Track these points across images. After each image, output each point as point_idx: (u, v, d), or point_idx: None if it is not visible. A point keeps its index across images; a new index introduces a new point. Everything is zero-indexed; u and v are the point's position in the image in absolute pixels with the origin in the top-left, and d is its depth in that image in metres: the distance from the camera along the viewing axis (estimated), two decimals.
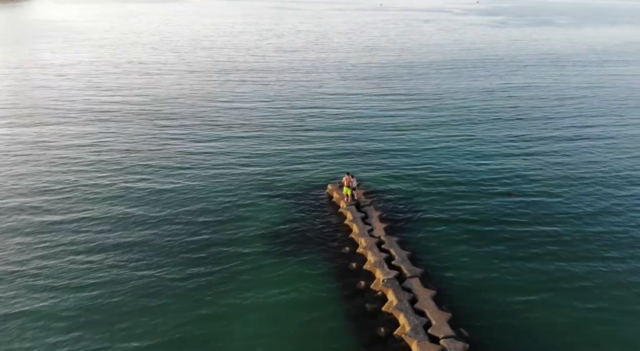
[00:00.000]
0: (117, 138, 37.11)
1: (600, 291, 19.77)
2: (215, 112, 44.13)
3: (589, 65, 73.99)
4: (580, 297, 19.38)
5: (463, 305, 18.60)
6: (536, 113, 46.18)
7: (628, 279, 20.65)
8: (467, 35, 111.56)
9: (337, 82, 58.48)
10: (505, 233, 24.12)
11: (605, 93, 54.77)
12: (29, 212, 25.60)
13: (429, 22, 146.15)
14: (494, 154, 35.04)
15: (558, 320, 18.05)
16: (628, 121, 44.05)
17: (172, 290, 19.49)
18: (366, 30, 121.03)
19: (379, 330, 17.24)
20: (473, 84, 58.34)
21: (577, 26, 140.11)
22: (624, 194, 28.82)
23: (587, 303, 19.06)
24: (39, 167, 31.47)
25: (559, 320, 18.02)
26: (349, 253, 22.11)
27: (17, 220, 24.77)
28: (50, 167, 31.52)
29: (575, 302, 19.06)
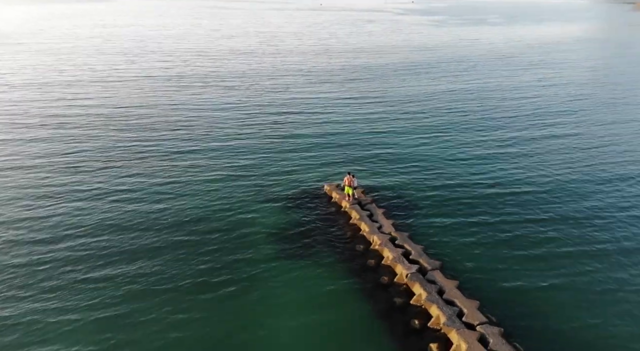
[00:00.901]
0: (93, 152, 35.41)
1: (601, 272, 21.60)
2: (187, 121, 42.44)
3: (534, 62, 78.88)
4: (587, 275, 21.14)
5: (482, 294, 19.71)
6: (500, 110, 48.90)
7: (627, 258, 22.67)
8: (414, 35, 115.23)
9: (305, 85, 58.74)
10: (502, 224, 25.61)
11: (556, 90, 58.82)
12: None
13: (373, 23, 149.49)
14: (477, 151, 36.77)
15: (569, 300, 19.60)
16: (579, 114, 47.66)
17: (196, 303, 19.10)
18: (315, 31, 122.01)
19: (412, 323, 17.92)
20: (437, 84, 60.66)
21: (509, 24, 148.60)
22: (601, 183, 31.35)
23: (592, 278, 20.83)
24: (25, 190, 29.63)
25: (569, 300, 19.57)
26: (363, 251, 22.66)
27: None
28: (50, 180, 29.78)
29: (581, 279, 20.79)
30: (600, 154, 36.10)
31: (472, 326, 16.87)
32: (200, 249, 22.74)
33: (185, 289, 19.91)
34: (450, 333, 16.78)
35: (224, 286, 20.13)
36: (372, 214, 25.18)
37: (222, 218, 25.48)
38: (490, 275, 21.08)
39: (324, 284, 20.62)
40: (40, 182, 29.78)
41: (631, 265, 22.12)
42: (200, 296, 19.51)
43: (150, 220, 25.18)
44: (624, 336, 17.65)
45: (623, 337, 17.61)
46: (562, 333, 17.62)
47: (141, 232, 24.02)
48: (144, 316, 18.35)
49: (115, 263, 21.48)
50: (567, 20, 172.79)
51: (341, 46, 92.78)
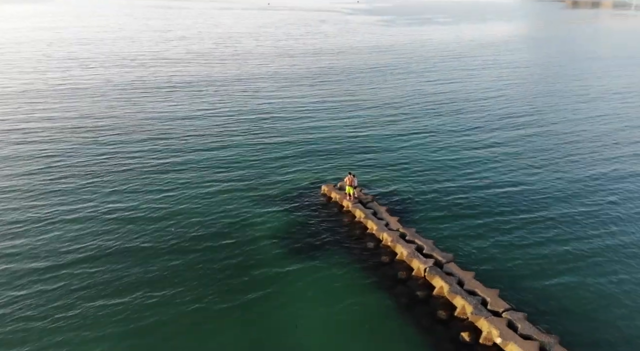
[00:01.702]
0: (67, 169, 33.81)
1: (595, 253, 23.36)
2: (160, 131, 40.81)
3: (490, 61, 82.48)
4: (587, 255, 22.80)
5: (493, 283, 20.82)
6: (473, 110, 50.98)
7: (626, 244, 24.56)
8: (370, 35, 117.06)
9: (276, 89, 58.66)
10: (496, 216, 27.02)
11: (517, 88, 61.98)
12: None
13: (325, 23, 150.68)
14: (462, 150, 38.24)
15: (572, 281, 21.10)
16: (545, 111, 50.59)
17: (219, 314, 19.01)
18: (270, 32, 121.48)
19: (439, 314, 18.71)
20: (405, 85, 62.25)
21: (456, 24, 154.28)
22: (582, 171, 33.57)
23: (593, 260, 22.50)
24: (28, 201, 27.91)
25: (572, 282, 21.08)
26: (375, 248, 23.27)
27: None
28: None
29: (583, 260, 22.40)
30: (576, 149, 38.51)
31: (498, 313, 17.85)
32: (214, 262, 22.34)
33: (210, 301, 19.72)
34: (478, 322, 17.67)
35: (246, 295, 20.13)
36: (376, 212, 25.82)
37: (227, 230, 25.08)
38: (496, 265, 22.27)
39: (343, 283, 21.07)
40: (21, 205, 28.31)
41: (629, 247, 24.06)
42: (225, 306, 19.40)
43: (155, 237, 24.33)
44: (631, 312, 19.28)
45: (630, 313, 19.24)
46: (575, 314, 19.00)
47: (150, 251, 23.21)
48: (177, 329, 18.17)
49: (132, 285, 20.79)
50: (508, 18, 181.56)
51: (301, 47, 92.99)
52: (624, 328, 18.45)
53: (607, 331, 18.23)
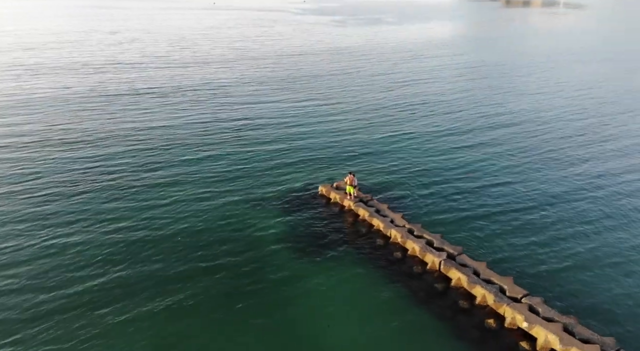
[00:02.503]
0: (51, 179, 32.34)
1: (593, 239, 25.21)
2: (147, 139, 40.19)
3: (448, 60, 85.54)
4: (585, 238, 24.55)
5: (503, 270, 22.06)
6: (447, 107, 52.89)
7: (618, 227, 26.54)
8: (325, 35, 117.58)
9: (249, 93, 58.21)
10: (490, 207, 28.49)
11: (481, 84, 64.80)
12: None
13: (278, 23, 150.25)
14: (451, 147, 39.75)
15: (571, 262, 22.73)
16: (508, 106, 53.31)
17: (243, 320, 18.98)
18: (224, 33, 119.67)
19: (460, 304, 19.67)
20: (375, 84, 63.56)
21: (405, 24, 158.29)
22: (565, 168, 35.79)
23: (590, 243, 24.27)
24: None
25: (571, 262, 22.71)
26: (384, 245, 23.97)
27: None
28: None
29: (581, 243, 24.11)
30: (553, 145, 40.98)
31: (517, 299, 18.99)
32: (227, 272, 22.00)
33: (230, 311, 19.62)
34: (500, 309, 18.74)
35: (268, 300, 20.13)
36: (379, 210, 26.52)
37: (233, 238, 24.72)
38: (502, 255, 23.57)
39: (360, 281, 21.60)
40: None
41: (623, 229, 26.08)
42: (246, 315, 19.30)
43: (162, 248, 23.78)
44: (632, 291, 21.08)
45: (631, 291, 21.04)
46: (584, 294, 20.53)
47: (159, 263, 22.73)
48: (202, 339, 18.10)
49: (151, 299, 20.39)
50: (451, 18, 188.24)
51: (263, 49, 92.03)
52: (631, 301, 20.17)
53: (616, 306, 19.84)
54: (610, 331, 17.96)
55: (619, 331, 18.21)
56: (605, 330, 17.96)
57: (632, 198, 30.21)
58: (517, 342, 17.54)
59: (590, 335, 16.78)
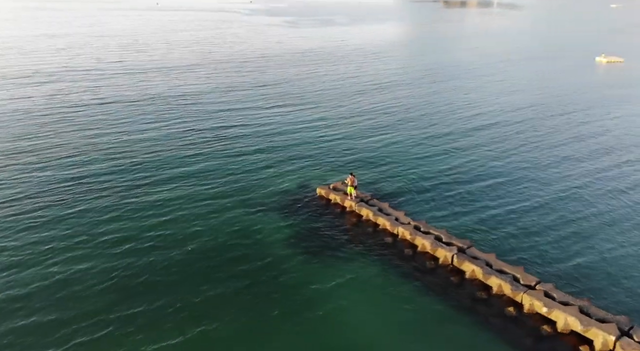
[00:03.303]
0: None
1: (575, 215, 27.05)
2: (129, 149, 39.02)
3: (406, 60, 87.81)
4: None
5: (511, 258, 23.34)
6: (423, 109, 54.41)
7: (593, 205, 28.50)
8: (284, 37, 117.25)
9: (220, 97, 57.40)
10: (489, 201, 29.91)
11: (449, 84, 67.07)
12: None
13: (231, 24, 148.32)
14: (436, 147, 41.01)
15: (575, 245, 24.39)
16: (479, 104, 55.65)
17: (269, 330, 18.98)
18: (177, 34, 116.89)
19: (478, 294, 20.69)
20: (346, 83, 64.38)
21: (357, 24, 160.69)
22: (547, 158, 37.87)
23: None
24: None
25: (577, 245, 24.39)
26: (393, 243, 24.69)
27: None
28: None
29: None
30: (525, 137, 43.30)
31: (532, 286, 20.23)
32: (244, 281, 21.84)
33: (255, 319, 19.68)
34: (518, 296, 19.89)
35: (288, 308, 20.17)
36: (381, 209, 27.22)
37: (240, 248, 24.50)
38: (504, 246, 24.91)
39: (375, 279, 22.16)
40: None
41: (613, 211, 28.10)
42: (272, 322, 19.41)
43: (175, 265, 23.17)
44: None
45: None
46: (590, 277, 22.11)
47: (174, 281, 22.30)
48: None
49: (172, 310, 20.25)
50: (399, 19, 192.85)
51: (225, 52, 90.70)
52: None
53: (623, 286, 21.49)
54: (622, 310, 19.52)
55: (630, 310, 19.80)
56: (617, 309, 19.52)
57: (612, 186, 32.62)
58: (538, 327, 18.72)
59: (605, 315, 18.22)
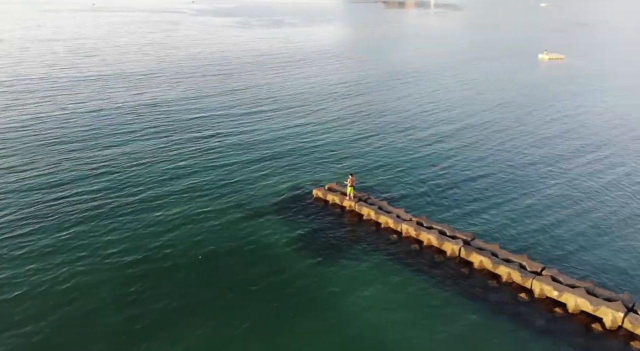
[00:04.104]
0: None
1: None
2: (112, 159, 37.64)
3: (365, 60, 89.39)
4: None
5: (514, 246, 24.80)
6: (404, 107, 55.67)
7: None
8: (239, 38, 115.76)
9: (205, 106, 56.18)
10: (473, 191, 31.40)
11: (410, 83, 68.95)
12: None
13: (179, 25, 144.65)
14: (420, 145, 42.21)
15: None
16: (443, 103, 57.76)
17: (288, 335, 19.18)
18: (130, 37, 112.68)
19: (489, 283, 21.91)
20: (323, 86, 64.72)
21: (309, 25, 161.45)
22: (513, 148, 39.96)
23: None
24: None
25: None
26: (399, 240, 25.55)
27: None
28: None
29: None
30: (501, 132, 45.51)
31: (538, 272, 21.68)
32: (257, 288, 21.85)
33: (274, 324, 19.96)
34: (527, 283, 21.27)
35: (306, 311, 20.43)
36: (381, 207, 28.01)
37: (246, 255, 24.45)
38: (511, 235, 26.42)
39: (386, 275, 22.84)
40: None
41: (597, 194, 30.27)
42: (291, 325, 19.64)
43: (182, 276, 22.84)
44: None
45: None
46: (589, 260, 23.90)
47: (184, 293, 22.19)
48: None
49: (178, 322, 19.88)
50: (347, 19, 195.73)
51: (184, 54, 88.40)
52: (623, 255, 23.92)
53: (620, 267, 23.36)
54: (622, 289, 21.37)
55: (630, 288, 21.69)
56: (618, 289, 21.35)
57: (587, 176, 35.11)
58: (550, 309, 20.16)
59: (609, 294, 19.92)
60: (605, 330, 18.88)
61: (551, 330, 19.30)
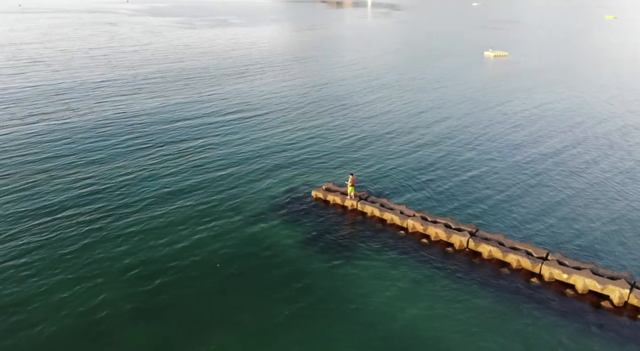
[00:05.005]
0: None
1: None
2: (99, 169, 35.84)
3: (332, 58, 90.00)
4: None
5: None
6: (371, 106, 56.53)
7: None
8: (185, 38, 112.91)
9: (173, 111, 54.26)
10: (464, 186, 32.89)
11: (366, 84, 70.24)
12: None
13: (119, 26, 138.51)
14: (410, 143, 43.18)
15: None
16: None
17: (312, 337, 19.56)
18: (71, 40, 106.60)
19: (501, 271, 23.25)
20: (294, 86, 64.39)
21: (254, 25, 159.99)
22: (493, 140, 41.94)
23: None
24: None
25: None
26: (406, 236, 26.44)
27: None
28: None
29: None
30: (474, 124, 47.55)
31: (544, 257, 23.28)
32: (275, 292, 21.96)
33: (303, 326, 20.35)
34: (536, 268, 22.80)
35: (330, 314, 20.71)
36: (383, 205, 28.77)
37: (259, 259, 24.47)
38: (512, 224, 27.99)
39: (400, 270, 23.67)
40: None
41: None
42: (317, 328, 19.92)
43: (197, 281, 22.80)
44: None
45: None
46: (590, 244, 25.83)
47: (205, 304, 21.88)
48: None
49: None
50: (289, 19, 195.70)
51: (135, 58, 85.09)
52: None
53: (618, 248, 25.46)
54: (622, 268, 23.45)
55: (628, 267, 23.82)
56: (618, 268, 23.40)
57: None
58: (561, 291, 21.78)
59: (612, 273, 21.82)
60: (614, 306, 20.70)
61: (565, 310, 20.88)
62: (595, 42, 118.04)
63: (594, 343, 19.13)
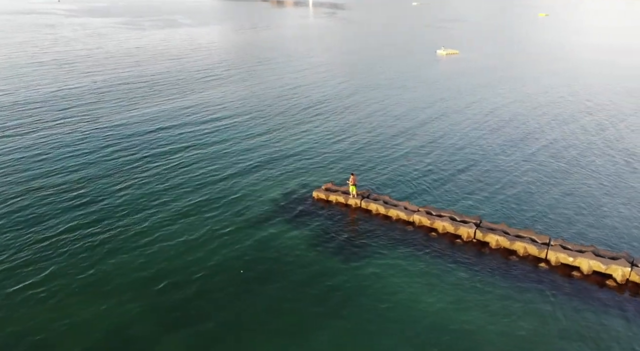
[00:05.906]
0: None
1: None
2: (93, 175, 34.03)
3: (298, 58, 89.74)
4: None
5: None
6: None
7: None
8: (142, 41, 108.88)
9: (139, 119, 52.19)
10: (453, 181, 34.28)
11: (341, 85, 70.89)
12: None
13: (59, 28, 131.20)
14: (402, 142, 43.93)
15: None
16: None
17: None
18: (8, 45, 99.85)
19: (510, 258, 24.66)
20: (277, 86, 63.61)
21: (204, 25, 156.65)
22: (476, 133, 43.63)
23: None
24: None
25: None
26: (414, 231, 27.36)
27: None
28: None
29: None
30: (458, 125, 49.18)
31: (548, 243, 24.91)
32: (292, 293, 22.17)
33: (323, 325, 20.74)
34: (542, 253, 24.38)
35: (361, 313, 21.12)
36: (386, 202, 29.55)
37: (273, 262, 24.57)
38: (514, 216, 29.50)
39: (412, 265, 24.49)
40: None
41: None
42: (350, 329, 20.33)
43: (218, 289, 22.77)
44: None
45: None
46: (588, 229, 27.73)
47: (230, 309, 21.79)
48: None
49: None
50: (235, 19, 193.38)
51: (91, 63, 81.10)
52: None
53: (613, 230, 27.52)
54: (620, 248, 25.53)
55: (626, 246, 25.90)
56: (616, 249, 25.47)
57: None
58: (568, 273, 23.46)
59: (612, 254, 23.73)
60: (617, 284, 22.58)
61: (574, 291, 22.52)
62: (532, 39, 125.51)
63: (604, 319, 20.80)
